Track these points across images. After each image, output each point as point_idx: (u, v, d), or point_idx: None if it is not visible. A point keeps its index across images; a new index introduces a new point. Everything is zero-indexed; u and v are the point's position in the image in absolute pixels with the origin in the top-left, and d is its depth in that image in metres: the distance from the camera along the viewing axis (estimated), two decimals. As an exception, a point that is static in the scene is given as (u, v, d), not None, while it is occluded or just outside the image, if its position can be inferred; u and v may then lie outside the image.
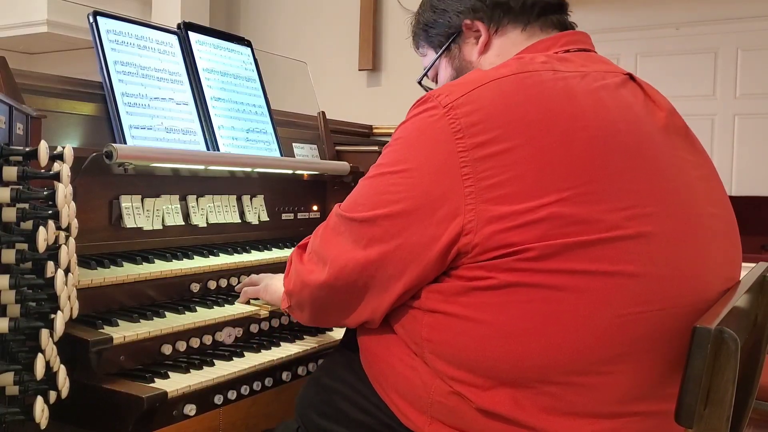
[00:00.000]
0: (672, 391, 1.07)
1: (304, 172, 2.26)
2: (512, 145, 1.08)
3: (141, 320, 1.50)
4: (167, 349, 1.56)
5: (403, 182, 1.16)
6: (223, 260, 1.81)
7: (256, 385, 1.63)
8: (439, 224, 1.12)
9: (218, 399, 1.53)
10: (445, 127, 1.12)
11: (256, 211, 2.09)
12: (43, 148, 1.22)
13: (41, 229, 1.20)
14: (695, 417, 0.93)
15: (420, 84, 1.57)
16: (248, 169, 2.01)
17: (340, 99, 4.95)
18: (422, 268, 1.15)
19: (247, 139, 2.06)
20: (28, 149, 1.22)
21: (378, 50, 5.54)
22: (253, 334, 1.78)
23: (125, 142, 1.68)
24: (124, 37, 1.80)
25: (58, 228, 1.27)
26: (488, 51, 1.41)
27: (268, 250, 2.00)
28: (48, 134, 1.44)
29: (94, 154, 1.53)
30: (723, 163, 4.91)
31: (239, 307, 1.71)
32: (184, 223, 1.87)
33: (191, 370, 1.51)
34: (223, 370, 1.53)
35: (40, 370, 1.20)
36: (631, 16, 5.17)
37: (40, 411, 1.22)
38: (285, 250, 2.02)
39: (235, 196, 2.03)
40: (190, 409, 1.47)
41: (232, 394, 1.56)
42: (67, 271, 1.28)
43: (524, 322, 1.08)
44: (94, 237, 1.65)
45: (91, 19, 1.74)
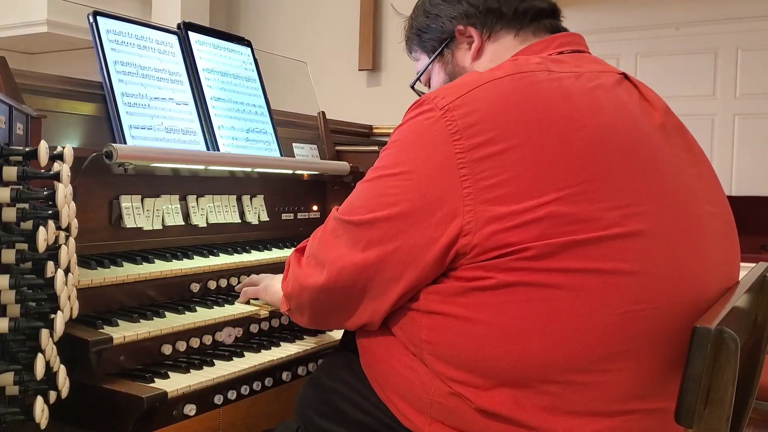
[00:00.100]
0: (671, 388, 1.07)
1: (304, 172, 2.26)
2: (510, 146, 1.08)
3: (141, 320, 1.50)
4: (167, 349, 1.56)
5: (401, 185, 1.16)
6: (223, 260, 1.81)
7: (256, 385, 1.63)
8: (438, 226, 1.12)
9: (218, 399, 1.54)
10: (442, 129, 1.13)
11: (256, 211, 2.09)
12: (43, 148, 1.22)
13: (41, 229, 1.20)
14: (695, 417, 0.93)
15: (413, 89, 1.58)
16: (248, 169, 2.01)
17: (340, 99, 4.95)
18: (421, 270, 1.15)
19: (247, 139, 2.06)
20: (28, 149, 1.22)
21: (378, 50, 5.54)
22: (253, 334, 1.78)
23: (125, 142, 1.68)
24: (124, 37, 1.80)
25: (58, 228, 1.27)
26: (481, 57, 1.41)
27: (268, 250, 2.00)
28: (48, 134, 1.44)
29: (94, 154, 1.53)
30: (723, 163, 4.92)
31: (239, 307, 1.71)
32: (184, 223, 1.86)
33: (191, 370, 1.51)
34: (223, 370, 1.53)
35: (40, 370, 1.21)
36: (631, 16, 5.17)
37: (40, 411, 1.22)
38: (285, 250, 2.02)
39: (235, 196, 2.03)
40: (190, 409, 1.47)
41: (232, 394, 1.56)
42: (67, 271, 1.28)
43: (523, 321, 1.08)
44: (94, 237, 1.65)
45: (91, 19, 1.74)
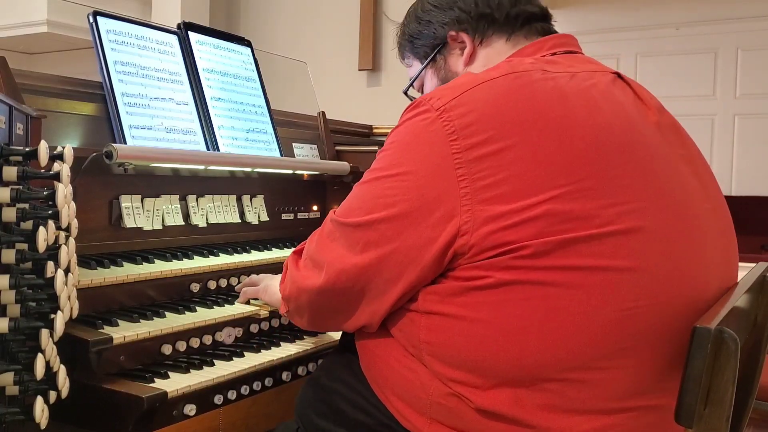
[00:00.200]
0: (671, 385, 1.07)
1: (304, 172, 2.26)
2: (506, 145, 1.09)
3: (141, 320, 1.50)
4: (167, 349, 1.56)
5: (398, 186, 1.16)
6: (223, 260, 1.81)
7: (256, 385, 1.63)
8: (436, 226, 1.12)
9: (218, 399, 1.53)
10: (438, 129, 1.13)
11: (256, 211, 2.09)
12: (43, 148, 1.22)
13: (41, 229, 1.20)
14: (695, 417, 0.93)
15: (406, 94, 1.58)
16: (248, 169, 2.01)
17: (340, 99, 4.95)
18: (419, 270, 1.15)
19: (247, 139, 2.06)
20: (28, 149, 1.22)
21: (378, 50, 5.54)
22: (253, 334, 1.78)
23: (125, 142, 1.68)
24: (124, 37, 1.80)
25: (58, 228, 1.27)
26: (474, 62, 1.42)
27: (268, 250, 2.00)
28: (48, 134, 1.44)
29: (94, 154, 1.53)
30: (723, 163, 4.92)
31: (239, 307, 1.71)
32: (184, 223, 1.86)
33: (191, 370, 1.51)
34: (223, 370, 1.53)
35: (40, 370, 1.21)
36: (631, 16, 5.17)
37: (40, 411, 1.22)
38: (285, 250, 2.02)
39: (235, 196, 2.03)
40: (190, 409, 1.47)
41: (232, 394, 1.56)
42: (67, 271, 1.28)
43: (522, 319, 1.08)
44: (94, 237, 1.65)
45: (91, 19, 1.74)
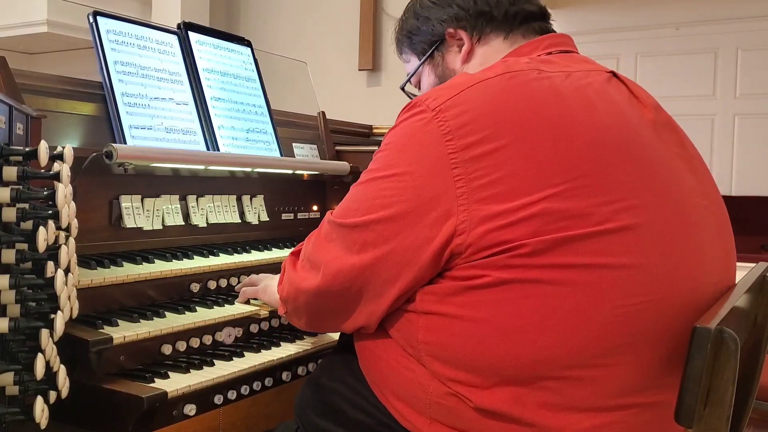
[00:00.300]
0: (669, 381, 1.07)
1: (304, 172, 2.26)
2: (502, 144, 1.09)
3: (141, 320, 1.50)
4: (167, 349, 1.56)
5: (394, 186, 1.16)
6: (223, 260, 1.81)
7: (256, 385, 1.63)
8: (432, 226, 1.12)
9: (218, 399, 1.53)
10: (434, 130, 1.13)
11: (256, 211, 2.09)
12: (43, 148, 1.22)
13: (41, 229, 1.20)
14: (695, 417, 0.93)
15: (403, 90, 1.58)
16: (248, 169, 2.01)
17: (340, 99, 4.95)
18: (417, 271, 1.15)
19: (247, 139, 2.06)
20: (28, 149, 1.22)
21: (378, 50, 5.54)
22: (253, 334, 1.78)
23: (125, 142, 1.68)
24: (124, 37, 1.80)
25: (58, 228, 1.27)
26: (471, 60, 1.42)
27: (268, 250, 2.00)
28: (48, 134, 1.44)
29: (94, 154, 1.53)
30: (723, 163, 4.92)
31: (239, 307, 1.71)
32: (184, 223, 1.86)
33: (191, 370, 1.51)
34: (223, 370, 1.53)
35: (40, 370, 1.20)
36: (631, 16, 5.18)
37: (40, 411, 1.22)
38: (285, 250, 2.02)
39: (235, 196, 2.03)
40: (190, 409, 1.47)
41: (232, 394, 1.56)
42: (67, 271, 1.28)
43: (520, 318, 1.08)
44: (94, 237, 1.65)
45: (91, 19, 1.74)
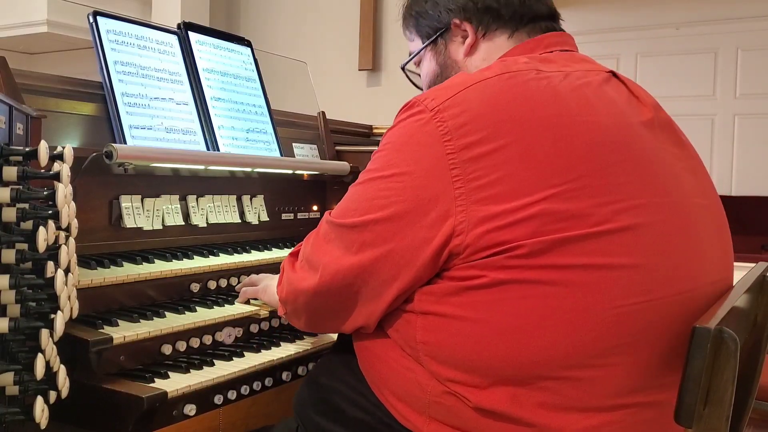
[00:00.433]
0: (668, 381, 1.07)
1: (304, 172, 2.26)
2: (500, 145, 1.09)
3: (141, 320, 1.50)
4: (167, 349, 1.56)
5: (393, 186, 1.16)
6: (223, 260, 1.81)
7: (256, 385, 1.63)
8: (431, 227, 1.12)
9: (218, 399, 1.53)
10: (432, 130, 1.13)
11: (256, 211, 2.09)
12: (43, 148, 1.22)
13: (41, 229, 1.20)
14: (695, 417, 0.93)
15: (403, 70, 1.57)
16: (248, 169, 2.01)
17: (340, 99, 4.96)
18: (415, 271, 1.15)
19: (247, 139, 2.06)
20: (28, 149, 1.22)
21: (378, 50, 5.54)
22: (253, 334, 1.78)
23: (125, 142, 1.68)
24: (124, 37, 1.80)
25: (58, 228, 1.26)
26: (474, 54, 1.41)
27: (268, 250, 2.00)
28: (48, 134, 1.44)
29: (94, 154, 1.53)
30: (723, 163, 4.92)
31: (239, 307, 1.71)
32: (184, 223, 1.86)
33: (191, 370, 1.51)
34: (223, 370, 1.53)
35: (40, 370, 1.21)
36: (631, 16, 5.17)
37: (40, 411, 1.22)
38: (285, 250, 2.02)
39: (235, 196, 2.03)
40: (190, 409, 1.47)
41: (232, 394, 1.56)
42: (67, 271, 1.28)
43: (518, 318, 1.08)
44: (94, 237, 1.65)
45: (91, 19, 1.74)
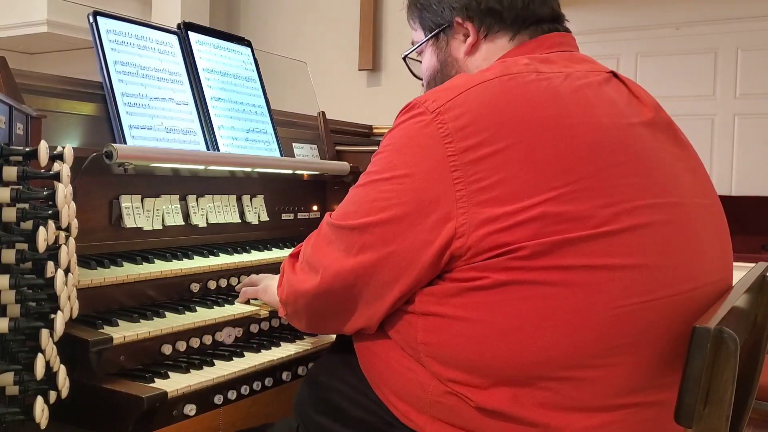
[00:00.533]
0: (669, 381, 1.07)
1: (304, 172, 2.26)
2: (501, 147, 1.09)
3: (141, 320, 1.50)
4: (167, 349, 1.56)
5: (394, 188, 1.16)
6: (223, 260, 1.81)
7: (256, 385, 1.63)
8: (432, 229, 1.12)
9: (218, 399, 1.53)
10: (433, 132, 1.13)
11: (256, 211, 2.09)
12: (43, 148, 1.22)
13: (41, 229, 1.20)
14: (695, 416, 0.93)
15: (405, 60, 1.57)
16: (248, 169, 2.01)
17: (340, 99, 4.95)
18: (416, 273, 1.15)
19: (247, 139, 2.06)
20: (28, 149, 1.22)
21: (378, 50, 5.54)
22: (253, 334, 1.78)
23: (125, 142, 1.68)
24: (124, 37, 1.80)
25: (58, 228, 1.26)
26: (475, 53, 1.41)
27: (268, 250, 2.00)
28: (48, 134, 1.43)
29: (94, 154, 1.53)
30: (723, 163, 4.92)
31: (239, 307, 1.71)
32: (184, 223, 1.86)
33: (191, 370, 1.51)
34: (223, 370, 1.53)
35: (40, 370, 1.20)
36: (631, 16, 5.17)
37: (40, 411, 1.22)
38: (285, 250, 2.02)
39: (235, 196, 2.03)
40: (190, 409, 1.47)
41: (232, 394, 1.56)
42: (67, 271, 1.28)
43: (519, 319, 1.08)
44: (94, 237, 1.65)
45: (91, 19, 1.74)
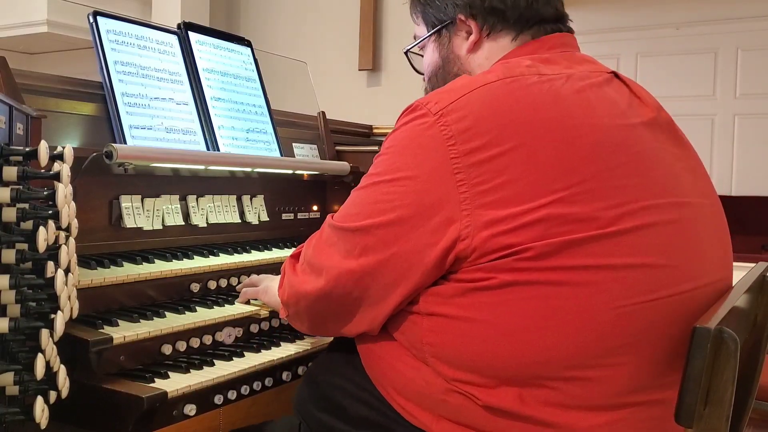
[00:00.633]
0: (671, 379, 1.08)
1: (304, 172, 2.26)
2: (504, 150, 1.09)
3: (141, 320, 1.50)
4: (167, 349, 1.56)
5: (396, 191, 1.16)
6: (223, 260, 1.81)
7: (256, 385, 1.63)
8: (435, 232, 1.12)
9: (218, 399, 1.53)
10: (436, 134, 1.13)
11: (256, 211, 2.09)
12: (43, 148, 1.22)
13: (41, 229, 1.20)
14: (695, 416, 0.93)
15: (406, 54, 1.56)
16: (248, 169, 2.01)
17: (340, 99, 4.95)
18: (419, 275, 1.15)
19: (247, 139, 2.06)
20: (28, 149, 1.22)
21: (378, 50, 5.54)
22: (253, 334, 1.78)
23: (125, 142, 1.68)
24: (124, 37, 1.80)
25: (58, 228, 1.26)
26: (477, 51, 1.40)
27: (268, 250, 2.00)
28: (48, 134, 1.43)
29: (94, 154, 1.53)
30: (723, 163, 4.91)
31: (239, 307, 1.71)
32: (184, 223, 1.86)
33: (191, 370, 1.51)
34: (223, 370, 1.53)
35: (40, 370, 1.20)
36: (631, 16, 5.17)
37: (40, 411, 1.22)
38: (285, 250, 2.02)
39: (235, 196, 2.03)
40: (190, 409, 1.47)
41: (232, 394, 1.56)
42: (67, 271, 1.28)
43: (524, 319, 1.08)
44: (94, 237, 1.65)
45: (91, 19, 1.74)
